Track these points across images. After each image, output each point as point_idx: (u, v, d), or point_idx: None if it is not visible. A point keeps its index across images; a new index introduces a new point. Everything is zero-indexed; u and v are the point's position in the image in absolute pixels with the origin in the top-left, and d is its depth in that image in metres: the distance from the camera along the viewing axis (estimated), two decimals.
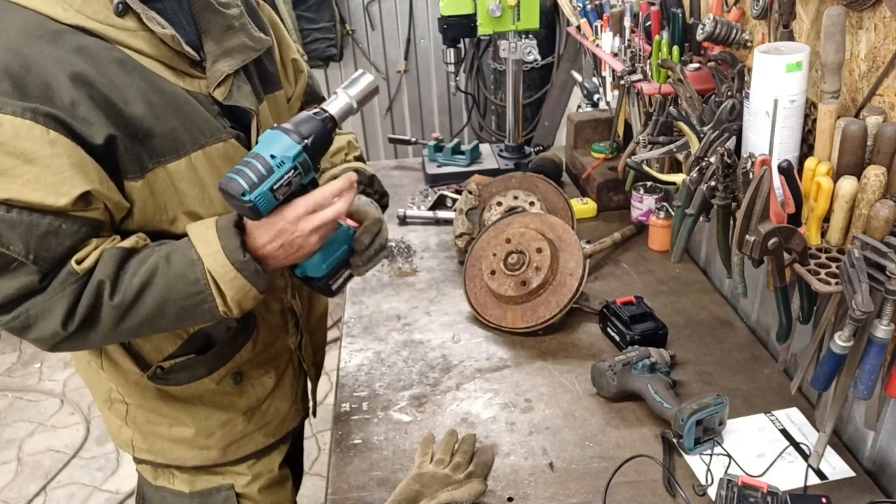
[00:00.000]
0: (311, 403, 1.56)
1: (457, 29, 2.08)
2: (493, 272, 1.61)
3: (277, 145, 1.03)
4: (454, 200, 2.17)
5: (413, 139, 2.53)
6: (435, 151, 2.37)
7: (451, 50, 2.15)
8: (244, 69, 1.17)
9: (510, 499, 1.18)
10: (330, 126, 1.08)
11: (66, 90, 0.97)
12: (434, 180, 2.29)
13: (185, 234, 1.10)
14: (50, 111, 0.96)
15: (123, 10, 1.02)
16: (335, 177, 1.26)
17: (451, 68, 2.20)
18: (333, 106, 1.09)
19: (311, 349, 1.51)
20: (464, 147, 2.35)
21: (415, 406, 1.39)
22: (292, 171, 1.04)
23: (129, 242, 1.07)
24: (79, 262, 1.02)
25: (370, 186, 1.36)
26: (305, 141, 1.04)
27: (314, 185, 1.11)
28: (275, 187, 1.02)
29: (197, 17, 1.14)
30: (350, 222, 1.22)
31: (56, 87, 0.97)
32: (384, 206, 1.36)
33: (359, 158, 1.45)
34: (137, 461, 1.40)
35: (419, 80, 3.69)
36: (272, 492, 1.44)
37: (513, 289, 1.57)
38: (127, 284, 1.05)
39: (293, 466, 1.55)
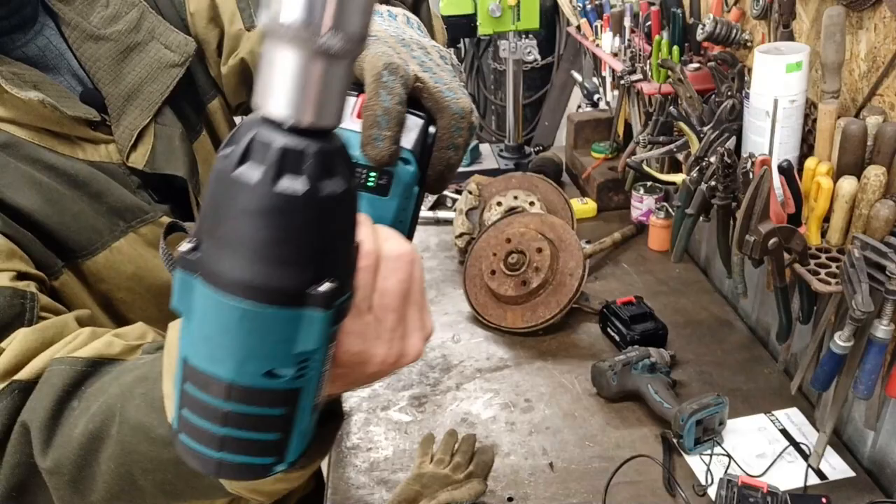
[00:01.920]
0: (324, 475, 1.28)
1: (457, 29, 2.08)
2: (493, 272, 1.61)
3: (285, 339, 0.40)
4: (454, 200, 2.16)
5: None
6: None
7: (451, 50, 2.15)
8: (169, 99, 0.84)
9: (510, 499, 1.18)
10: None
11: None
12: None
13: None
14: None
15: None
16: None
17: None
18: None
19: None
20: None
21: (415, 406, 1.39)
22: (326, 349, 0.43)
23: (94, 348, 0.63)
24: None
25: None
26: (334, 294, 0.40)
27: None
28: (317, 401, 0.46)
29: (78, 55, 0.81)
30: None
31: None
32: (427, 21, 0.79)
33: None
34: None
35: None
36: None
37: (513, 289, 1.57)
38: (67, 435, 0.60)
39: None
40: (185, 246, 0.39)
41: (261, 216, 0.37)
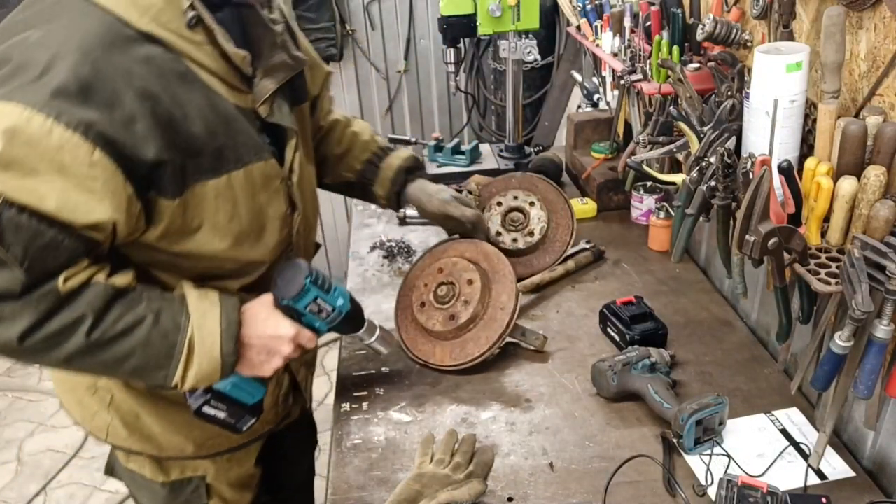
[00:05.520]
0: (303, 400, 1.53)
1: (457, 29, 2.08)
2: (422, 304, 1.49)
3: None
4: None
5: (413, 139, 2.53)
6: (435, 151, 2.37)
7: (451, 50, 2.15)
8: (281, 86, 1.17)
9: (510, 499, 1.18)
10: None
11: (129, 103, 0.96)
12: (434, 180, 2.29)
13: (195, 253, 1.11)
14: (103, 131, 0.94)
15: (195, 23, 1.03)
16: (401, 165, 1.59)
17: (451, 68, 2.20)
18: None
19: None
20: (464, 147, 2.35)
21: (415, 406, 1.39)
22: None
23: (121, 281, 1.05)
24: (65, 281, 0.99)
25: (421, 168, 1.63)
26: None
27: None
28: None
29: (248, 33, 1.15)
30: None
31: (120, 99, 0.95)
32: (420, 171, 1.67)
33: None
34: (109, 443, 1.37)
35: (419, 80, 3.68)
36: (242, 486, 1.44)
37: (441, 323, 1.46)
38: (108, 326, 1.02)
39: (269, 463, 1.53)
40: None
41: None
